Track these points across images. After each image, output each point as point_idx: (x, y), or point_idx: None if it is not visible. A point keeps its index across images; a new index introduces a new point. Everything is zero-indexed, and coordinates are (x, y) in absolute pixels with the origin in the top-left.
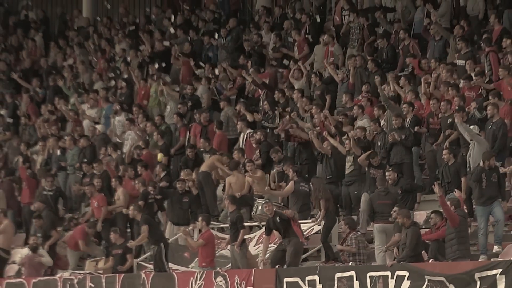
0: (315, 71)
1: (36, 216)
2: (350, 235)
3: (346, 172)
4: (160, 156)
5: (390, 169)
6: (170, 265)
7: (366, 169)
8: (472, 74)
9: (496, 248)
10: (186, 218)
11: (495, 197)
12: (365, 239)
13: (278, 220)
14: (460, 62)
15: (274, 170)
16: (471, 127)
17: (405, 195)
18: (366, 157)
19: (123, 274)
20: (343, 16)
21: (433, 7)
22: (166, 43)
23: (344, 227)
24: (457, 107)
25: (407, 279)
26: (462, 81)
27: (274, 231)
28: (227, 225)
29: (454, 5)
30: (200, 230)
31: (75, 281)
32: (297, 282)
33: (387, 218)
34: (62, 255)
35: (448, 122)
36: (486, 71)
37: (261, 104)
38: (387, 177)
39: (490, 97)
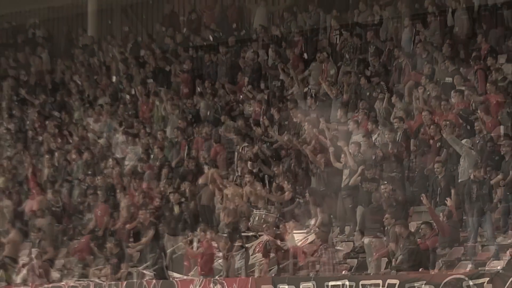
0: (310, 92)
1: (36, 229)
2: (321, 246)
3: (342, 185)
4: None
5: (385, 182)
6: (170, 273)
7: (360, 183)
8: (463, 88)
9: (495, 263)
10: (180, 228)
11: (484, 208)
12: (335, 251)
13: (279, 243)
14: (448, 79)
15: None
16: (463, 141)
17: (399, 207)
18: (358, 175)
19: (125, 282)
20: (334, 36)
21: (423, 27)
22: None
23: (317, 240)
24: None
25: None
26: (452, 94)
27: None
28: (226, 235)
29: (440, 23)
30: (199, 240)
31: None
32: None
33: (376, 233)
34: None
35: (438, 145)
36: (476, 87)
37: (261, 119)
38: (382, 190)
39: (478, 111)
